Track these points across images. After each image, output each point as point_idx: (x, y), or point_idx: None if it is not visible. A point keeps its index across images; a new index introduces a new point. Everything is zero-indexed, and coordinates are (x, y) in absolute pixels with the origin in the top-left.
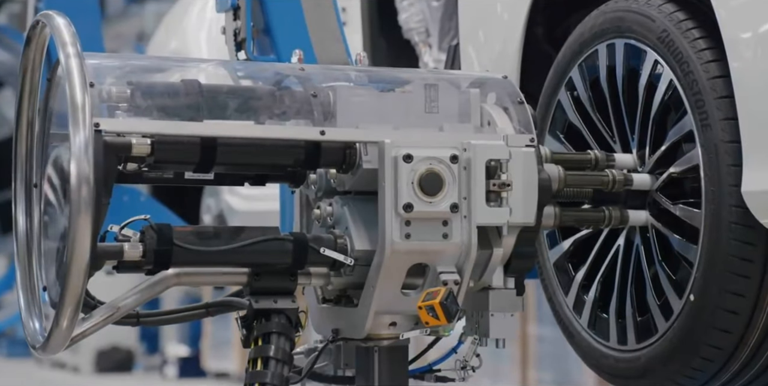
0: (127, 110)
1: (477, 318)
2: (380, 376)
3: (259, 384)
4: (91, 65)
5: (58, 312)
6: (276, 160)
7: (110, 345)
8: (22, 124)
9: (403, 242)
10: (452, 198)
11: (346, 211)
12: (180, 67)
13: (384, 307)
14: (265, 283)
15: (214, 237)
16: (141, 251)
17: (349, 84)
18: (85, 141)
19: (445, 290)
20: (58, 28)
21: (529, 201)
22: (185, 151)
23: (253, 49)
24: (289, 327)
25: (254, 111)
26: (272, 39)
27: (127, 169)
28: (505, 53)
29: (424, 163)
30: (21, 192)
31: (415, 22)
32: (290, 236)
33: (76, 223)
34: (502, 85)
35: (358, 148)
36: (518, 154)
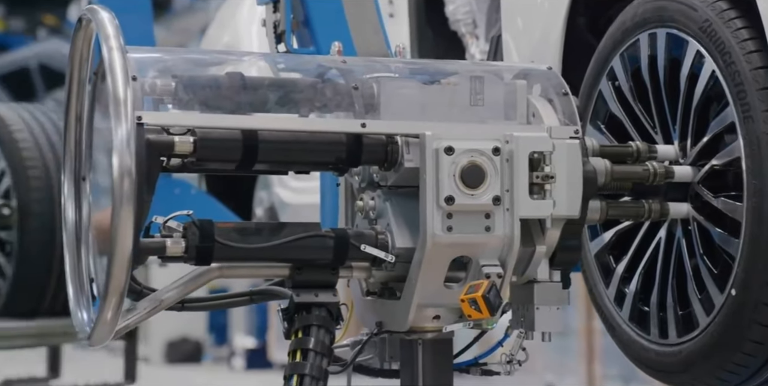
0: (170, 103)
1: (522, 312)
2: (424, 369)
3: (297, 376)
4: (134, 59)
5: (102, 305)
6: (318, 157)
7: (180, 337)
8: (70, 117)
9: (444, 235)
10: (494, 191)
11: (388, 207)
12: (223, 60)
13: (427, 300)
14: (307, 277)
15: (255, 233)
16: (183, 247)
17: (393, 76)
18: (127, 134)
19: (488, 283)
20: (102, 22)
21: (574, 193)
22: (227, 149)
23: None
24: (329, 320)
25: (296, 104)
26: (311, 31)
27: (171, 165)
28: (547, 43)
29: (465, 155)
30: (70, 185)
31: (462, 14)
32: (331, 232)
33: (118, 216)
34: (547, 76)
35: (400, 145)
36: (562, 146)
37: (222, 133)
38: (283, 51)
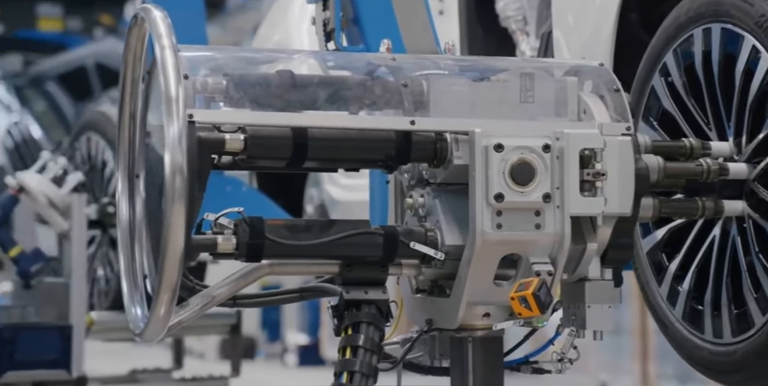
0: (221, 101)
1: (574, 310)
2: (474, 367)
3: (347, 373)
4: (185, 57)
5: (154, 301)
6: (367, 155)
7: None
8: (124, 115)
9: (494, 232)
10: (544, 188)
11: (438, 204)
12: (273, 58)
13: (476, 298)
14: (356, 274)
15: (305, 230)
16: (234, 244)
17: (442, 73)
18: (179, 132)
19: (538, 281)
20: (154, 20)
21: (626, 191)
22: (277, 146)
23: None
24: (379, 317)
25: (345, 101)
26: (361, 29)
27: (222, 163)
28: (598, 39)
29: (515, 152)
30: (124, 182)
31: (513, 10)
32: (381, 230)
33: (170, 212)
34: (598, 72)
35: (449, 142)
36: (613, 142)
37: (272, 130)
38: (332, 49)
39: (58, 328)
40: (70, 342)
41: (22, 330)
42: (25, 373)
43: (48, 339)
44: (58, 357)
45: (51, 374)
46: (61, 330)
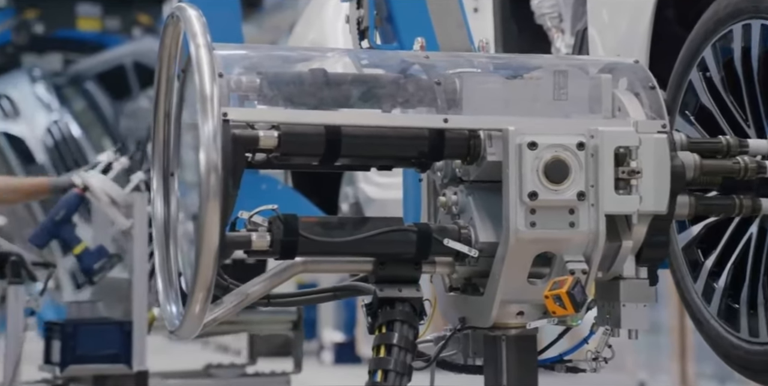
0: (255, 99)
1: (608, 309)
2: (508, 365)
3: (382, 371)
4: (220, 56)
5: (189, 298)
6: (400, 152)
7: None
8: (159, 114)
9: (528, 230)
10: (579, 186)
11: (471, 201)
12: (307, 57)
13: (510, 296)
14: (390, 272)
15: (338, 227)
16: (268, 241)
17: (475, 71)
18: (213, 130)
19: (573, 279)
20: (189, 19)
21: (661, 189)
22: (311, 144)
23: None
24: (413, 315)
25: (378, 99)
26: (394, 27)
27: (256, 161)
28: (634, 36)
29: (549, 150)
30: (159, 180)
31: (548, 7)
32: (414, 227)
33: (205, 210)
34: (634, 69)
35: (482, 139)
36: (649, 140)
37: (306, 128)
38: (366, 47)
39: (118, 324)
40: (130, 337)
41: (83, 325)
42: (86, 367)
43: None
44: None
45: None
46: (121, 325)
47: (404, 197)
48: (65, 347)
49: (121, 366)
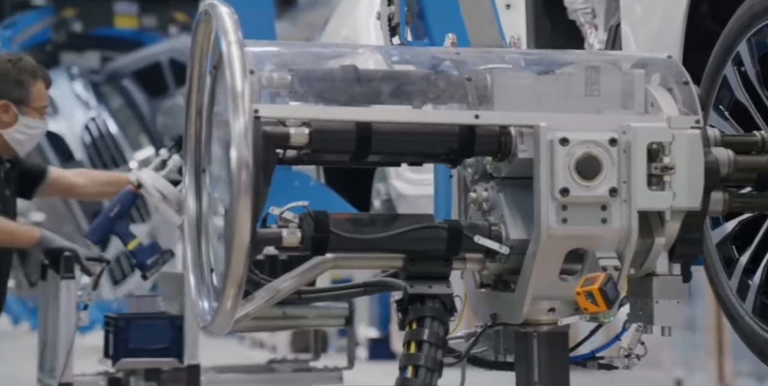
0: (287, 96)
1: (641, 305)
2: (539, 362)
3: (412, 367)
4: (251, 52)
5: (221, 294)
6: (430, 148)
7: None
8: (191, 110)
9: (559, 227)
10: (611, 182)
11: (502, 198)
12: (338, 53)
13: (541, 293)
14: (420, 268)
15: (369, 224)
16: (299, 238)
17: (507, 67)
18: (244, 127)
19: (605, 276)
20: (221, 16)
21: (695, 185)
22: (342, 140)
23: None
24: (443, 311)
25: (409, 95)
26: (425, 23)
27: (286, 157)
28: (667, 31)
29: (581, 146)
30: (191, 177)
31: (581, 3)
32: (444, 224)
33: (236, 206)
34: (666, 64)
35: (513, 135)
36: (682, 136)
37: (336, 124)
38: (397, 43)
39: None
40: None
41: (135, 319)
42: (137, 360)
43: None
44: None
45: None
46: (171, 320)
47: (435, 193)
48: (117, 341)
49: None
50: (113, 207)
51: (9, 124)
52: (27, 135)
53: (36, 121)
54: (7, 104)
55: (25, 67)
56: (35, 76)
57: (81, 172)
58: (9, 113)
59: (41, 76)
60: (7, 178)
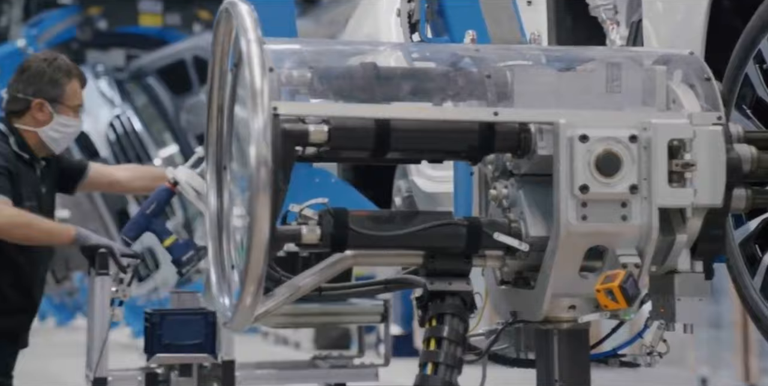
0: (306, 93)
1: (663, 303)
2: (560, 360)
3: (432, 364)
4: (271, 50)
5: (241, 291)
6: (450, 145)
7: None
8: (212, 108)
9: (579, 224)
10: (631, 179)
11: (522, 195)
12: (358, 51)
13: (561, 290)
14: (440, 265)
15: (388, 221)
16: (318, 235)
17: (527, 63)
18: (263, 124)
19: (625, 273)
20: (240, 14)
21: (717, 181)
22: (361, 138)
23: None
24: (463, 308)
25: (428, 93)
26: (445, 20)
27: (306, 154)
28: (689, 27)
29: (601, 143)
30: (212, 173)
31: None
32: (464, 221)
33: (255, 204)
34: (688, 61)
35: (533, 132)
36: (704, 132)
37: (356, 121)
38: (417, 40)
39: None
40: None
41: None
42: (172, 356)
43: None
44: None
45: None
46: (205, 316)
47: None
48: (152, 336)
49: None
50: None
51: (44, 122)
52: (62, 133)
53: (71, 119)
54: (42, 103)
55: (60, 66)
56: (70, 75)
57: (123, 166)
58: (44, 112)
59: (76, 75)
60: (42, 176)
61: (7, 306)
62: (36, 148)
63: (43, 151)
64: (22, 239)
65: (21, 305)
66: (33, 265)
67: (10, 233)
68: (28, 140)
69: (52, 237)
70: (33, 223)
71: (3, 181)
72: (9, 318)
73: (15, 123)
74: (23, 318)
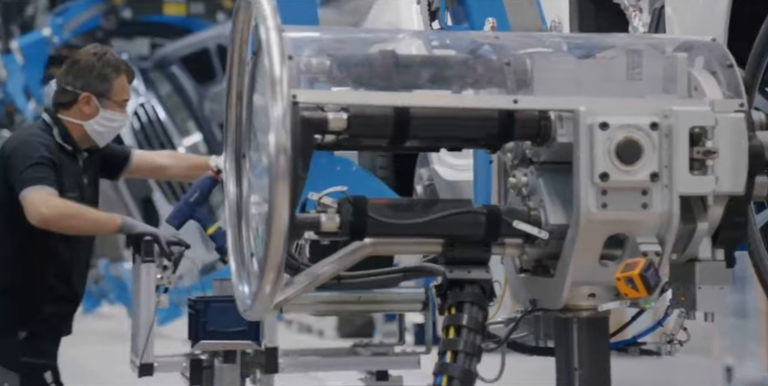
0: (325, 81)
1: (683, 291)
2: (579, 348)
3: (451, 352)
4: (290, 38)
5: (260, 279)
6: (469, 133)
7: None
8: (231, 96)
9: (599, 212)
10: (652, 167)
11: (541, 183)
12: (377, 39)
13: (581, 278)
14: (459, 253)
15: (407, 209)
16: (337, 223)
17: (547, 51)
18: (283, 112)
19: (645, 261)
20: (259, 2)
21: (739, 169)
22: (380, 126)
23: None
24: (482, 297)
25: (447, 80)
26: (465, 7)
27: (325, 142)
28: (712, 13)
29: (621, 130)
30: (231, 162)
31: None
32: (483, 209)
33: (275, 191)
34: (710, 48)
35: (552, 120)
36: (725, 120)
37: (375, 109)
38: (437, 28)
39: None
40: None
41: (212, 302)
42: (216, 342)
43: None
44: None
45: (241, 344)
46: None
47: (475, 178)
48: (196, 323)
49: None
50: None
51: (90, 115)
52: (107, 127)
53: (116, 114)
54: (89, 96)
55: (109, 61)
56: (119, 70)
57: (166, 153)
58: (91, 105)
59: (124, 71)
60: (84, 167)
61: (50, 295)
62: (80, 140)
63: (87, 143)
64: (69, 229)
65: (63, 293)
66: (73, 253)
67: (58, 224)
68: (72, 132)
69: (99, 226)
70: (81, 213)
71: (47, 171)
72: (53, 305)
73: (61, 114)
74: (66, 306)
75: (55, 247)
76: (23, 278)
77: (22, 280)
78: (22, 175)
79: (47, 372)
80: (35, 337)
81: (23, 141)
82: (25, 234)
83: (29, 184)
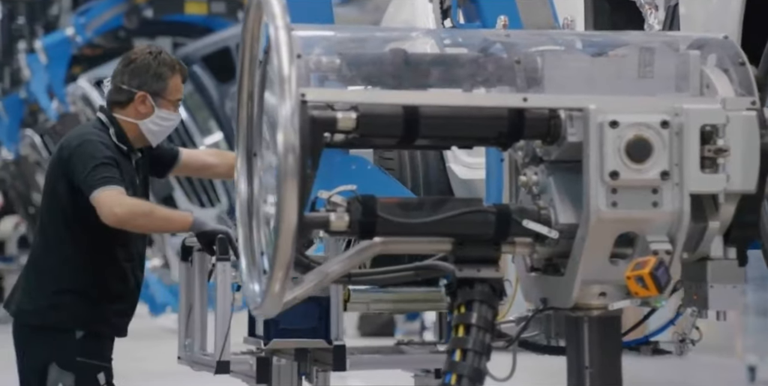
0: (335, 80)
1: (695, 290)
2: (591, 347)
3: (460, 350)
4: (300, 37)
5: (269, 277)
6: (479, 132)
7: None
8: (242, 94)
9: (609, 210)
10: (662, 165)
11: (552, 182)
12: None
13: (591, 277)
14: (469, 252)
15: (417, 208)
16: (347, 222)
17: (558, 49)
18: (291, 111)
19: (656, 260)
20: (269, 1)
21: (750, 167)
22: (389, 125)
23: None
24: (492, 295)
25: (457, 79)
26: (477, 5)
27: (334, 141)
28: (725, 11)
29: (631, 128)
30: (242, 160)
31: None
32: (493, 208)
33: (283, 190)
34: (723, 45)
35: (562, 119)
36: (737, 118)
37: (384, 108)
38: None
39: (316, 300)
40: (328, 313)
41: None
42: (289, 341)
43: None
44: (317, 327)
45: (311, 342)
46: (319, 301)
47: (487, 177)
48: (269, 321)
49: (320, 341)
50: None
51: (145, 115)
52: (161, 126)
53: (171, 113)
54: (144, 95)
55: (164, 60)
56: (174, 69)
57: (212, 152)
58: (146, 104)
59: (179, 70)
60: (137, 167)
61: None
62: (134, 140)
63: (140, 142)
64: (142, 228)
65: (121, 292)
66: (129, 253)
67: (132, 223)
68: (127, 132)
69: (171, 224)
70: (153, 211)
71: (113, 171)
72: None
73: (117, 113)
74: (123, 306)
75: (114, 247)
76: (84, 279)
77: (83, 281)
78: (90, 176)
79: (101, 372)
80: (92, 337)
81: (85, 140)
82: (86, 234)
83: (99, 185)
